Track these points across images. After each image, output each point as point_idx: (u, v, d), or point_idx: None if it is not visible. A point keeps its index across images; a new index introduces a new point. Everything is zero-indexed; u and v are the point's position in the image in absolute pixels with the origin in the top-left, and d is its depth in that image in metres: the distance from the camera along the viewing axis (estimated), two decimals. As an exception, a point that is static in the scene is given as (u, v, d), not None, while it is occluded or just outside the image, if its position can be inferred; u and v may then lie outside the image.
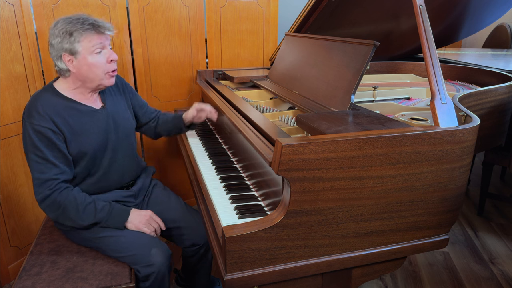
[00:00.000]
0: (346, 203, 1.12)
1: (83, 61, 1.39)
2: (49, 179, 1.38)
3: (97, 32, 1.39)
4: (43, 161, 1.37)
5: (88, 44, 1.38)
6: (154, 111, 1.87)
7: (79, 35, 1.37)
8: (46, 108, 1.40)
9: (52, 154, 1.38)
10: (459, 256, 2.30)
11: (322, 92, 1.55)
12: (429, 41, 1.26)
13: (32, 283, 1.34)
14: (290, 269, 1.13)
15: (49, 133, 1.37)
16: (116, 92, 1.65)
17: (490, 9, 2.34)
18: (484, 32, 3.84)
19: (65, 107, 1.44)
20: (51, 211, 1.42)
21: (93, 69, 1.41)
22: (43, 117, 1.38)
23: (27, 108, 1.41)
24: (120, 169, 1.59)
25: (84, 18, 1.39)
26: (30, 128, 1.37)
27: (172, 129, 1.88)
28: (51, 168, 1.38)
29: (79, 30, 1.36)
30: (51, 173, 1.38)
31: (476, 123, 1.24)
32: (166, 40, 2.40)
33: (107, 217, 1.45)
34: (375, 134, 1.10)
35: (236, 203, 1.31)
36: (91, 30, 1.37)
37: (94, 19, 1.41)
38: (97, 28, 1.39)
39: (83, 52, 1.38)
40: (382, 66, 2.62)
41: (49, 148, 1.38)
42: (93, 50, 1.39)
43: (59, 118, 1.41)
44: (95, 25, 1.38)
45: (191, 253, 1.70)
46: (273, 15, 2.62)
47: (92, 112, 1.50)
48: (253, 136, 1.32)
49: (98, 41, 1.39)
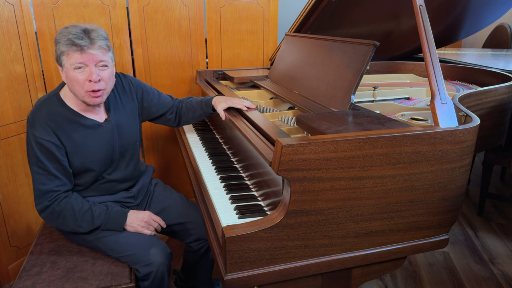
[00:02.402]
0: (346, 203, 1.12)
1: (67, 73, 1.35)
2: (49, 190, 1.39)
3: (77, 50, 1.31)
4: (44, 173, 1.38)
5: (69, 60, 1.32)
6: (170, 101, 1.77)
7: (62, 47, 1.32)
8: (50, 120, 1.38)
9: (54, 167, 1.39)
10: (459, 256, 2.30)
11: (322, 92, 1.55)
12: (429, 41, 1.26)
13: (32, 283, 1.34)
14: (290, 269, 1.13)
15: (51, 146, 1.37)
16: (123, 98, 1.59)
17: (490, 9, 2.34)
18: (484, 32, 3.84)
19: (68, 120, 1.41)
20: (51, 220, 1.44)
21: (74, 84, 1.35)
22: (45, 131, 1.36)
23: (31, 117, 1.39)
24: (123, 177, 1.59)
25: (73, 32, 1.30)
26: (33, 140, 1.37)
27: (201, 116, 1.78)
28: (52, 180, 1.39)
29: (63, 43, 1.31)
30: (52, 185, 1.39)
31: (476, 123, 1.24)
32: (166, 40, 2.40)
33: (105, 222, 1.46)
34: (375, 134, 1.10)
35: (236, 203, 1.31)
36: (71, 45, 1.30)
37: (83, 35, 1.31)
38: (77, 46, 1.30)
39: (66, 66, 1.34)
40: (382, 66, 2.62)
41: (51, 161, 1.38)
42: (73, 66, 1.32)
43: (62, 132, 1.39)
44: (75, 44, 1.30)
45: (195, 247, 1.70)
46: (273, 15, 2.62)
47: (96, 126, 1.47)
48: (253, 136, 1.32)
49: (77, 58, 1.31)
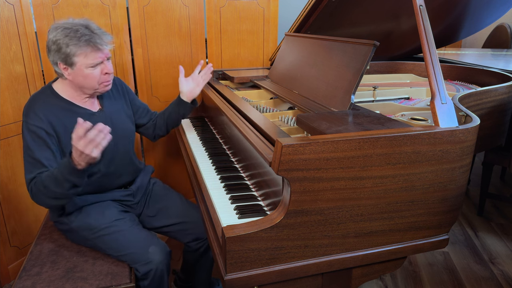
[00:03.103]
0: (346, 203, 1.12)
1: (79, 72, 1.38)
2: (34, 177, 1.35)
3: (93, 49, 1.36)
4: (32, 161, 1.36)
5: (84, 59, 1.36)
6: (154, 112, 1.86)
7: (76, 49, 1.34)
8: (44, 108, 1.40)
9: (43, 155, 1.36)
10: (459, 256, 2.30)
11: (322, 92, 1.55)
12: (429, 41, 1.26)
13: (32, 283, 1.34)
14: (290, 269, 1.13)
15: (42, 133, 1.37)
16: (116, 95, 1.64)
17: (490, 9, 2.34)
18: (484, 32, 3.83)
19: (62, 108, 1.44)
20: (41, 202, 1.35)
21: (88, 80, 1.40)
22: (38, 117, 1.37)
23: (25, 109, 1.41)
24: (118, 171, 1.59)
25: (81, 32, 1.34)
26: (26, 128, 1.38)
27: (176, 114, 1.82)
28: (39, 167, 1.36)
29: (76, 45, 1.33)
30: (36, 172, 1.35)
31: (476, 123, 1.24)
32: (166, 40, 2.40)
33: (63, 174, 1.27)
34: (375, 134, 1.10)
35: (236, 203, 1.31)
36: (87, 46, 1.35)
37: (91, 33, 1.36)
38: (94, 44, 1.35)
39: (79, 65, 1.37)
40: (382, 66, 2.61)
41: (41, 149, 1.37)
42: (89, 65, 1.37)
43: (56, 119, 1.40)
44: (91, 42, 1.34)
45: (194, 247, 1.70)
46: (273, 15, 2.62)
47: (89, 115, 1.49)
48: (253, 136, 1.32)
49: (94, 57, 1.36)
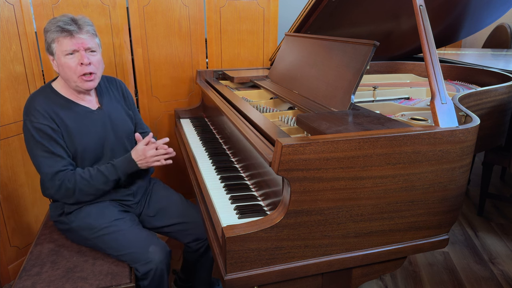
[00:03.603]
0: (346, 203, 1.12)
1: (58, 61, 1.41)
2: (58, 171, 1.41)
3: (67, 36, 1.37)
4: (49, 155, 1.40)
5: (59, 46, 1.39)
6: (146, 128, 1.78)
7: (52, 35, 1.38)
8: (45, 106, 1.42)
9: (55, 149, 1.41)
10: (459, 256, 2.30)
11: (322, 92, 1.55)
12: (429, 41, 1.26)
13: (32, 283, 1.34)
14: (290, 269, 1.13)
15: (48, 130, 1.40)
16: (116, 95, 1.66)
17: (490, 9, 2.34)
18: (484, 32, 3.84)
19: (61, 106, 1.46)
20: (68, 197, 1.44)
21: (66, 70, 1.42)
22: (42, 115, 1.40)
23: (26, 108, 1.43)
24: None
25: (63, 21, 1.37)
26: (30, 126, 1.40)
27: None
28: (58, 161, 1.41)
29: (52, 31, 1.37)
30: (60, 165, 1.41)
31: (476, 123, 1.24)
32: (166, 40, 2.40)
33: (119, 172, 1.47)
34: (375, 134, 1.10)
35: (236, 203, 1.31)
36: (61, 32, 1.37)
37: (71, 21, 1.37)
38: (67, 30, 1.36)
39: (57, 53, 1.40)
40: (382, 66, 2.61)
41: (52, 144, 1.41)
42: (63, 52, 1.39)
43: (56, 116, 1.43)
44: (64, 29, 1.36)
45: (194, 247, 1.70)
46: (273, 15, 2.62)
47: (88, 113, 1.51)
48: (253, 136, 1.32)
49: (68, 44, 1.38)
